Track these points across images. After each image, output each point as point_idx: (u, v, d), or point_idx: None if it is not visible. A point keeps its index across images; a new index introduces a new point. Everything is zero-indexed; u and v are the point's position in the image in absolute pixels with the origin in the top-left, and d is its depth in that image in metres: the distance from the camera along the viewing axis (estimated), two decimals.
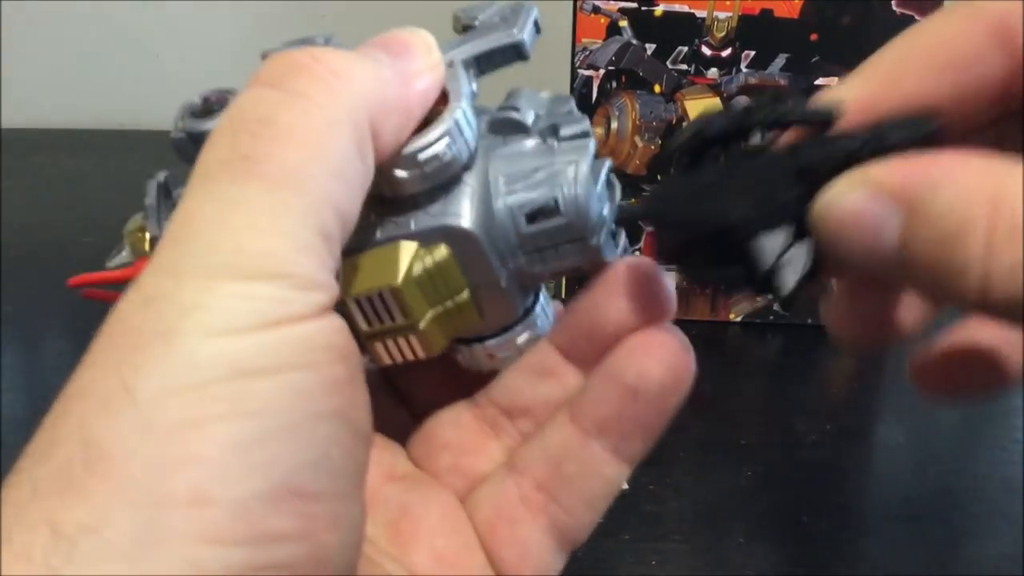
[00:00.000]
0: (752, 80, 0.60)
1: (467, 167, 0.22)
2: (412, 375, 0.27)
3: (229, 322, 0.17)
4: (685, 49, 0.60)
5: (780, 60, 0.60)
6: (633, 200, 0.24)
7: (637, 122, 0.61)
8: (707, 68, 0.60)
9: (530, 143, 0.23)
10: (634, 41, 0.60)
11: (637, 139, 0.62)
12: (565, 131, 0.23)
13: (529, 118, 0.23)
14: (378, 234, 0.22)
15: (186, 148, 0.24)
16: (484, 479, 0.25)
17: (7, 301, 0.66)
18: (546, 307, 0.25)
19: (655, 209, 0.21)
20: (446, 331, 0.23)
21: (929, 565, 0.44)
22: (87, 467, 0.16)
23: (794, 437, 0.54)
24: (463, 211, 0.21)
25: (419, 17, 0.98)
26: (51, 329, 0.65)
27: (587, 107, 0.61)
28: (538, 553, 0.24)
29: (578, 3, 0.59)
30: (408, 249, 0.21)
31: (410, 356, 0.23)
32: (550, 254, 0.22)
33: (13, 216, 0.81)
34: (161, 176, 0.26)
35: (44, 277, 0.71)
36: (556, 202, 0.22)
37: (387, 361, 0.23)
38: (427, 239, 0.22)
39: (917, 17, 0.59)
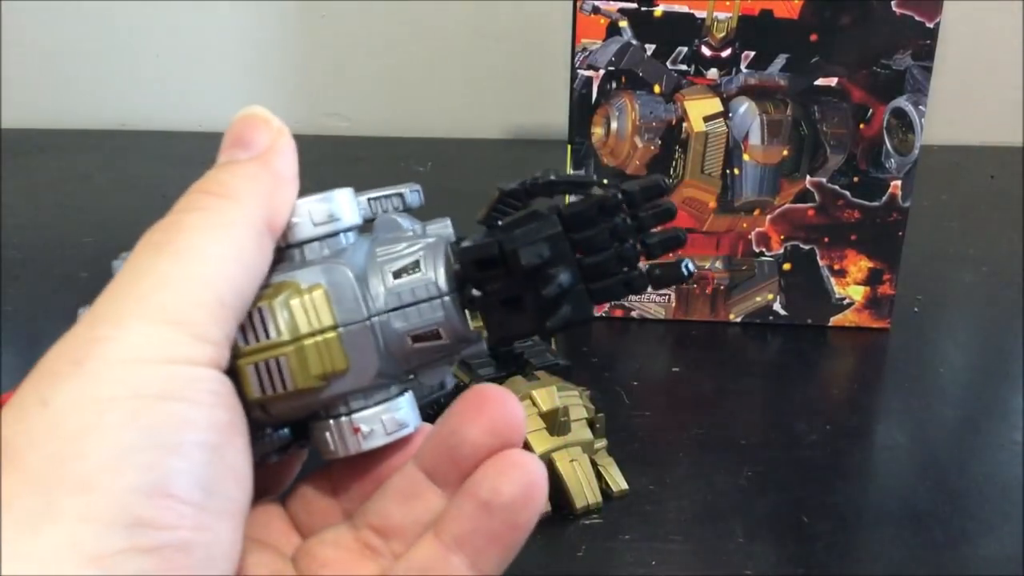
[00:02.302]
0: (752, 80, 0.60)
1: (349, 230, 0.27)
2: (301, 501, 0.29)
3: (131, 353, 0.22)
4: (685, 49, 0.60)
5: (780, 60, 0.60)
6: None
7: (637, 122, 0.61)
8: (707, 68, 0.60)
9: (404, 232, 0.28)
10: (634, 41, 0.60)
11: (637, 139, 0.62)
12: (430, 228, 0.28)
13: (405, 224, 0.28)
14: (273, 276, 0.26)
15: None
16: None
17: (7, 301, 0.66)
18: (412, 405, 0.28)
19: (464, 250, 0.26)
20: (315, 363, 0.25)
21: (929, 565, 0.44)
22: (7, 459, 0.20)
23: (794, 437, 0.54)
24: (341, 258, 0.26)
25: (415, 17, 0.99)
26: (51, 329, 0.65)
27: (587, 107, 0.61)
28: None
29: (578, 3, 0.59)
30: (291, 285, 0.25)
31: (279, 384, 0.25)
32: (412, 311, 0.26)
33: (13, 216, 0.81)
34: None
35: (44, 277, 0.71)
36: (418, 263, 0.26)
37: (258, 392, 0.25)
38: (309, 279, 0.26)
39: (917, 17, 0.59)
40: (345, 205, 0.27)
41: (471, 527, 0.25)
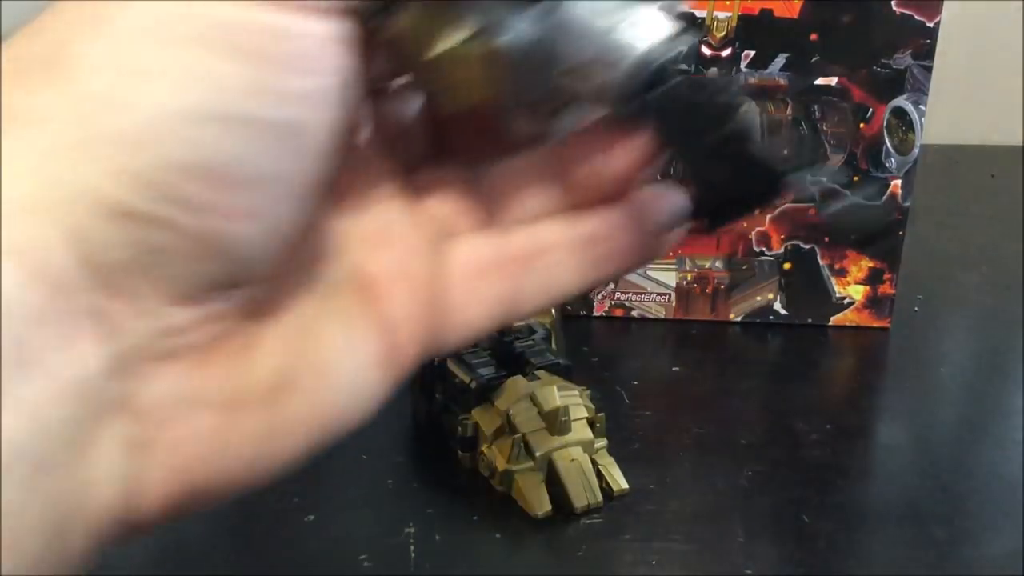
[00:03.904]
0: (752, 80, 0.60)
1: None
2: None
3: None
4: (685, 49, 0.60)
5: (780, 60, 0.60)
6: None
7: None
8: (707, 68, 0.60)
9: None
10: None
11: None
12: None
13: None
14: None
15: None
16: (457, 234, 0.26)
17: None
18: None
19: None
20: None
21: (929, 565, 0.44)
22: (51, 67, 0.18)
23: (794, 437, 0.54)
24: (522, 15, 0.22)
25: None
26: None
27: None
28: (482, 315, 0.25)
29: None
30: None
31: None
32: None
33: None
34: None
35: None
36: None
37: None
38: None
39: (917, 17, 0.59)
40: None
41: (610, 234, 0.25)
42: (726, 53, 0.60)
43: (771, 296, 0.65)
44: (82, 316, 0.18)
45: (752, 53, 0.60)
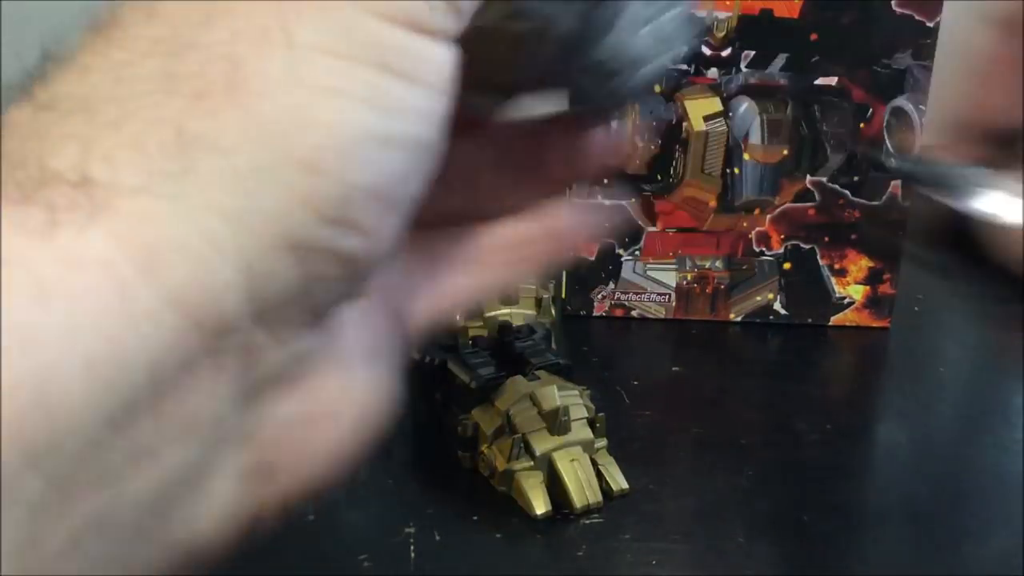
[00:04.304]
0: (752, 80, 0.60)
1: None
2: None
3: (387, 8, 0.18)
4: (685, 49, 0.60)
5: (780, 60, 0.60)
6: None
7: (637, 122, 0.61)
8: (707, 68, 0.60)
9: None
10: None
11: (637, 139, 0.62)
12: None
13: None
14: None
15: None
16: None
17: None
18: None
19: None
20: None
21: (929, 565, 0.44)
22: (229, 87, 0.17)
23: (794, 437, 0.54)
24: None
25: None
26: None
27: None
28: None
29: None
30: None
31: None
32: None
33: None
34: None
35: None
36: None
37: None
38: None
39: (917, 17, 0.59)
40: None
41: (532, 241, 0.26)
42: (726, 53, 0.60)
43: (771, 296, 0.65)
44: (230, 354, 0.17)
45: (752, 53, 0.60)
